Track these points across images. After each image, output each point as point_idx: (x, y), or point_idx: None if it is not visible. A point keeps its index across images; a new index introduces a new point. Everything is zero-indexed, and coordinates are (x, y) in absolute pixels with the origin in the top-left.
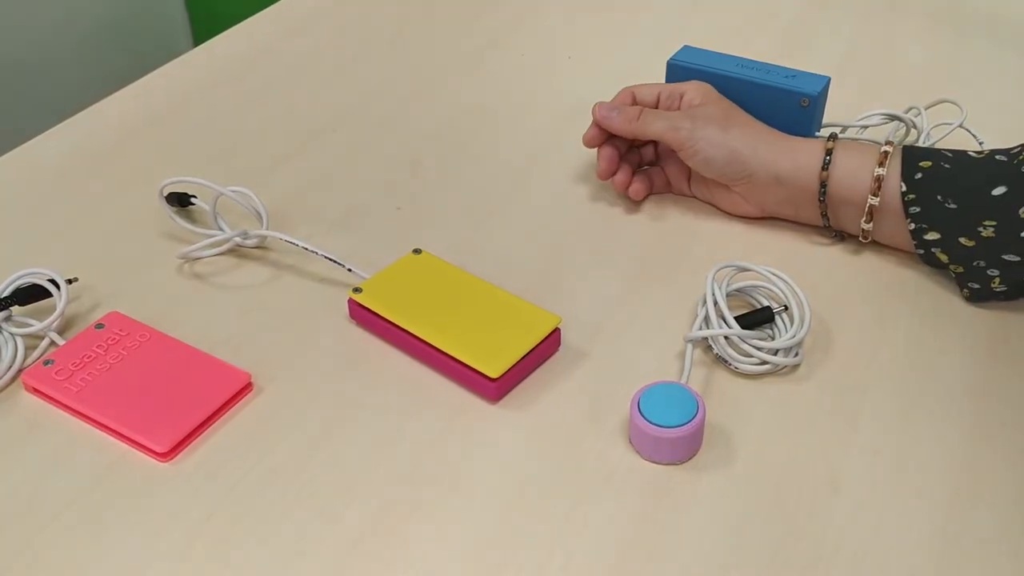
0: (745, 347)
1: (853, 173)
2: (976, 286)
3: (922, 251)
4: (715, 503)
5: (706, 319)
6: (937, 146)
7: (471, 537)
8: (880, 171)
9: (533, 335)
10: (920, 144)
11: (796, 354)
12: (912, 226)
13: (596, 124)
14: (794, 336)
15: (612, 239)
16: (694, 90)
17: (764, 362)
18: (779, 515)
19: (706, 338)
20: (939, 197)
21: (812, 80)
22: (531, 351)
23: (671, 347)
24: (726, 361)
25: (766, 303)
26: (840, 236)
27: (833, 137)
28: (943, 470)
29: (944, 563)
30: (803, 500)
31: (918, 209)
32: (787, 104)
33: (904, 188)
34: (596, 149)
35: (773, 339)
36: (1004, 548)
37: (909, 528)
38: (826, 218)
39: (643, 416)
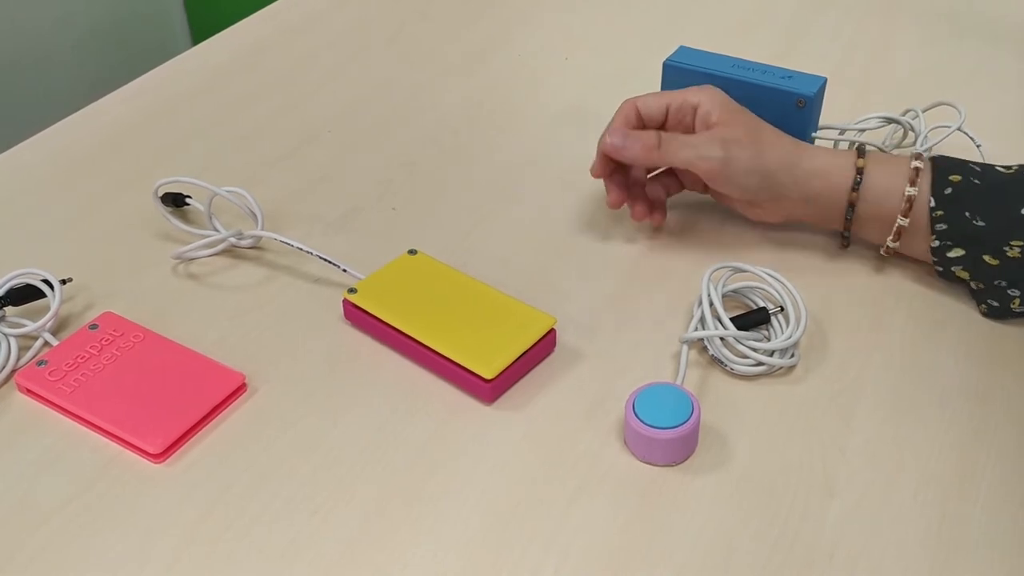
0: (741, 348)
1: (884, 192)
2: (995, 304)
3: (941, 268)
4: (710, 505)
5: (702, 320)
6: (935, 149)
7: (466, 538)
8: (911, 191)
9: (528, 336)
10: (918, 147)
11: (792, 355)
12: (936, 243)
13: (605, 155)
14: (790, 337)
15: (608, 240)
16: (708, 101)
17: (760, 363)
18: (774, 517)
19: (702, 339)
20: (967, 214)
21: (808, 81)
22: (526, 352)
23: (667, 348)
24: (722, 362)
25: (762, 304)
26: (848, 242)
27: (861, 151)
28: (938, 472)
29: (939, 565)
30: (798, 502)
31: (945, 226)
32: (783, 105)
33: (933, 203)
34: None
35: (769, 340)
36: (999, 550)
37: (904, 530)
38: (847, 231)
39: (638, 417)
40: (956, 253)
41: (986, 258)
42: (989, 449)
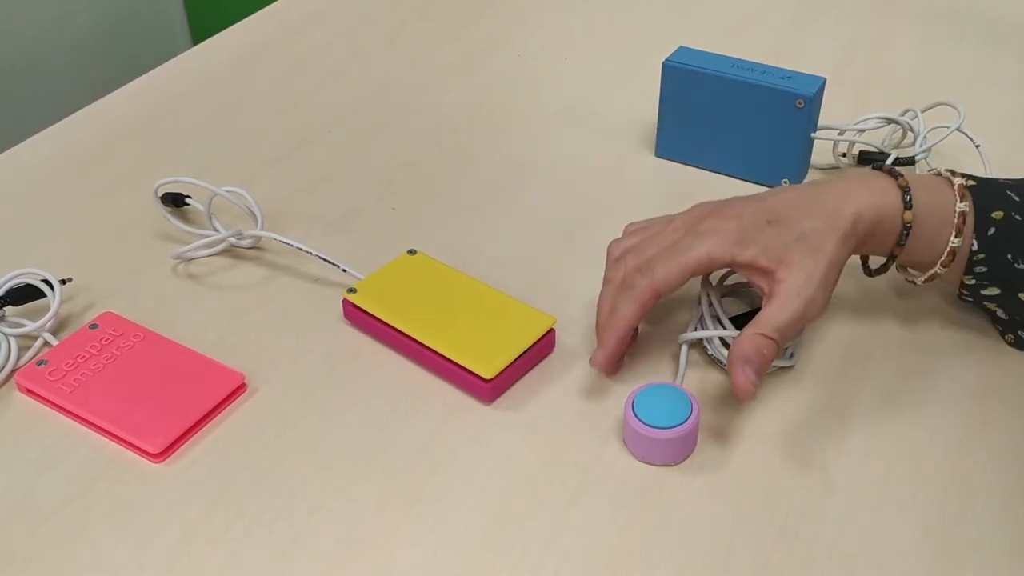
0: None
1: (929, 242)
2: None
3: (971, 299)
4: (710, 505)
5: (701, 320)
6: (935, 150)
7: (465, 538)
8: (955, 243)
9: (528, 336)
10: (917, 148)
11: (791, 355)
12: (971, 282)
13: (617, 349)
14: None
15: (607, 240)
16: (741, 253)
17: None
18: (773, 516)
19: (701, 339)
20: (1009, 256)
21: (807, 81)
22: (526, 352)
23: (666, 348)
24: (721, 362)
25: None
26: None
27: (908, 196)
28: (936, 471)
29: (937, 564)
30: (797, 501)
31: (984, 269)
32: (782, 105)
33: (975, 247)
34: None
35: None
36: (997, 549)
37: (902, 529)
38: (875, 272)
39: (637, 417)
40: (991, 292)
41: (1021, 296)
42: (989, 449)
